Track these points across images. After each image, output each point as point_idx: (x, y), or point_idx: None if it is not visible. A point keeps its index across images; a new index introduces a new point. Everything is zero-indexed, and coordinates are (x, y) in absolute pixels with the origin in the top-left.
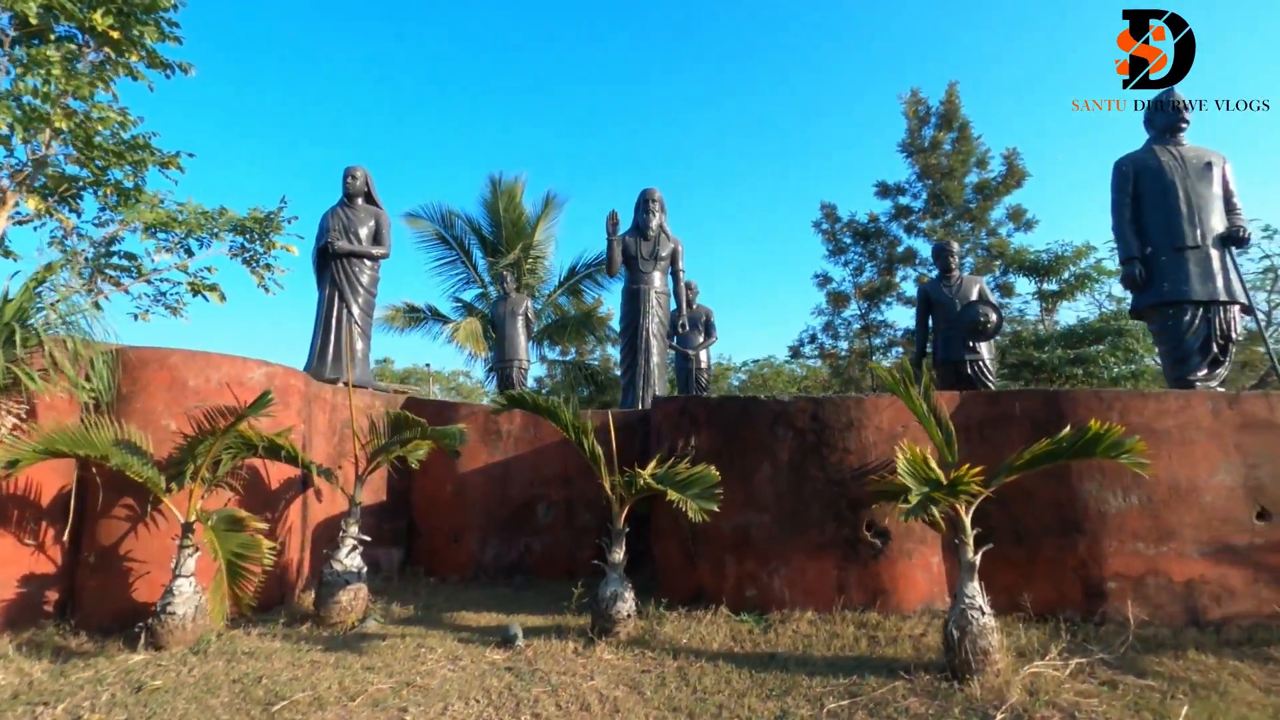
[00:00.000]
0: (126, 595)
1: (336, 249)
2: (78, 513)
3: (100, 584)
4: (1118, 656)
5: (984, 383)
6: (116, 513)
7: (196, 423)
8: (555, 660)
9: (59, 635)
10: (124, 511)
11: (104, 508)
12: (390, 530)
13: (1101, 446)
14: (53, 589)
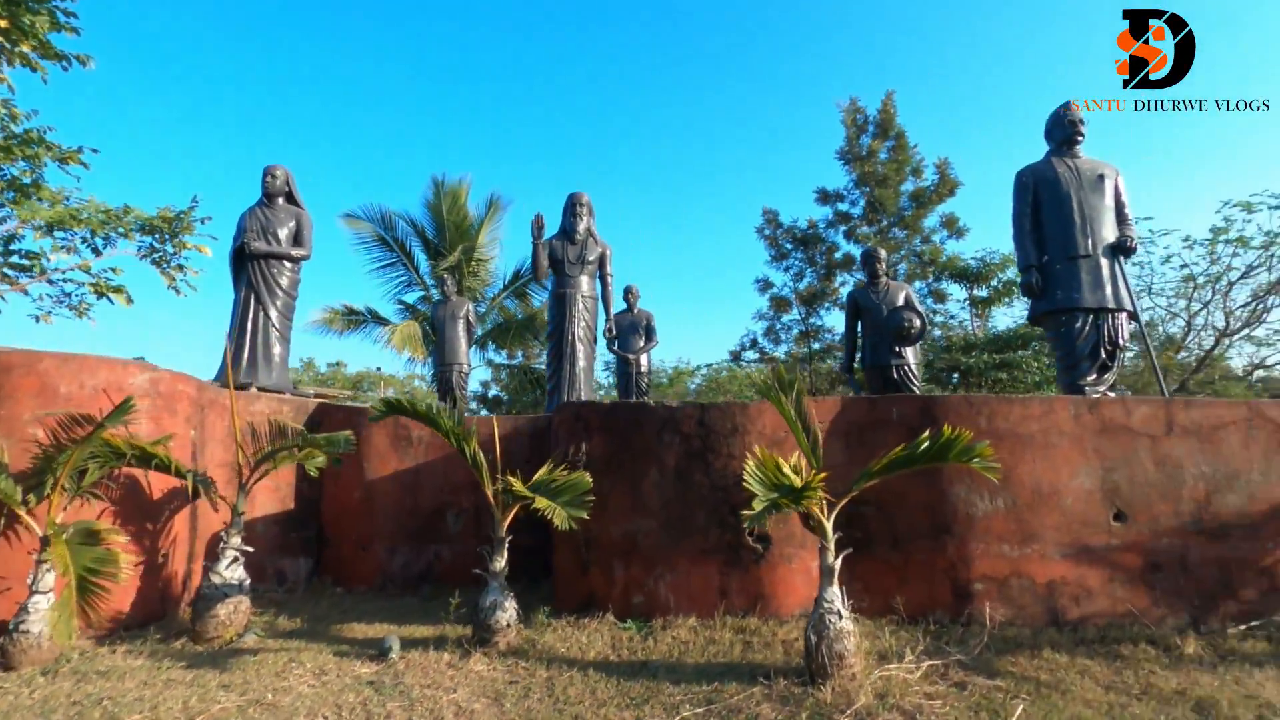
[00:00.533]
0: None
1: (253, 250)
2: None
3: None
4: (973, 658)
5: (909, 387)
6: None
7: (53, 432)
8: (424, 673)
9: None
10: None
11: None
12: (298, 539)
13: (954, 452)
14: None
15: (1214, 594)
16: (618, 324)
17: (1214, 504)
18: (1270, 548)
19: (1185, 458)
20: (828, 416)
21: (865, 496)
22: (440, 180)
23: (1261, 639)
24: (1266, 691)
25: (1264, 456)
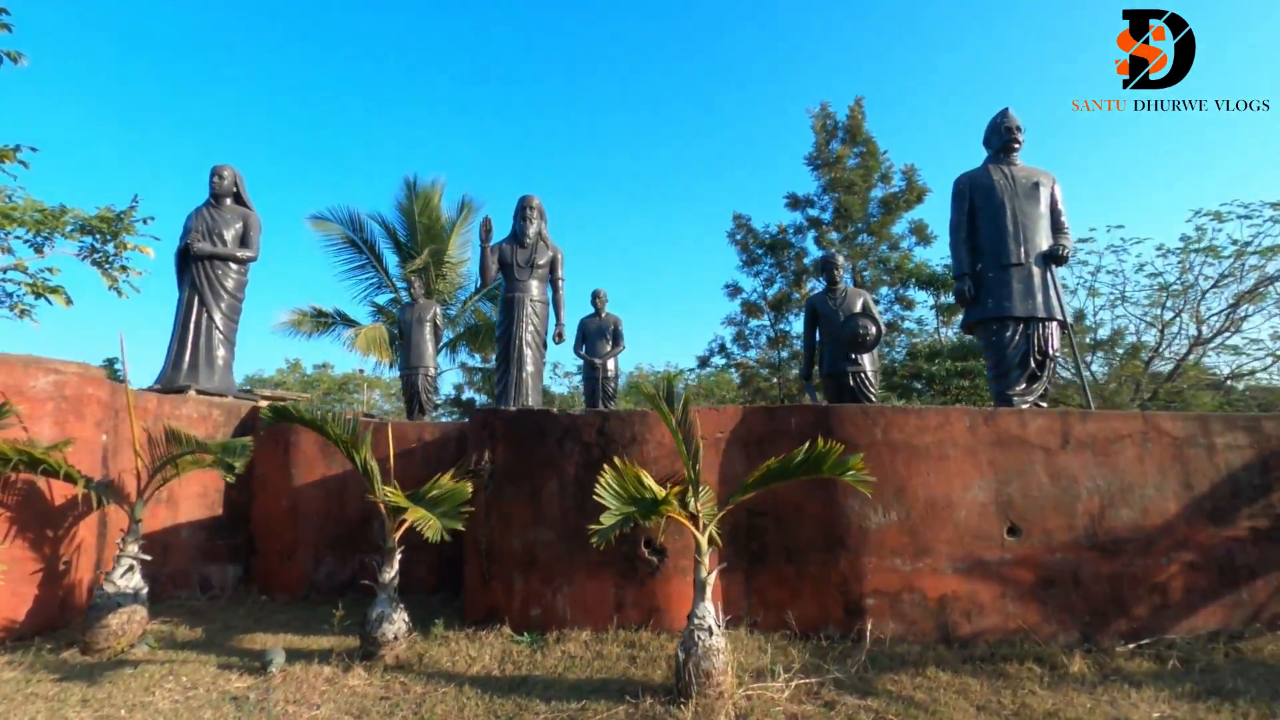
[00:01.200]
0: None
1: (197, 251)
2: None
3: None
4: (851, 676)
5: (865, 394)
6: None
7: None
8: (298, 688)
9: None
10: None
11: None
12: (225, 546)
13: (827, 464)
14: None
15: (1105, 611)
16: (585, 328)
17: (1107, 518)
18: (1163, 563)
19: (1080, 471)
20: (729, 426)
21: (762, 508)
22: (412, 182)
23: (1149, 658)
24: (1138, 714)
25: (1158, 470)
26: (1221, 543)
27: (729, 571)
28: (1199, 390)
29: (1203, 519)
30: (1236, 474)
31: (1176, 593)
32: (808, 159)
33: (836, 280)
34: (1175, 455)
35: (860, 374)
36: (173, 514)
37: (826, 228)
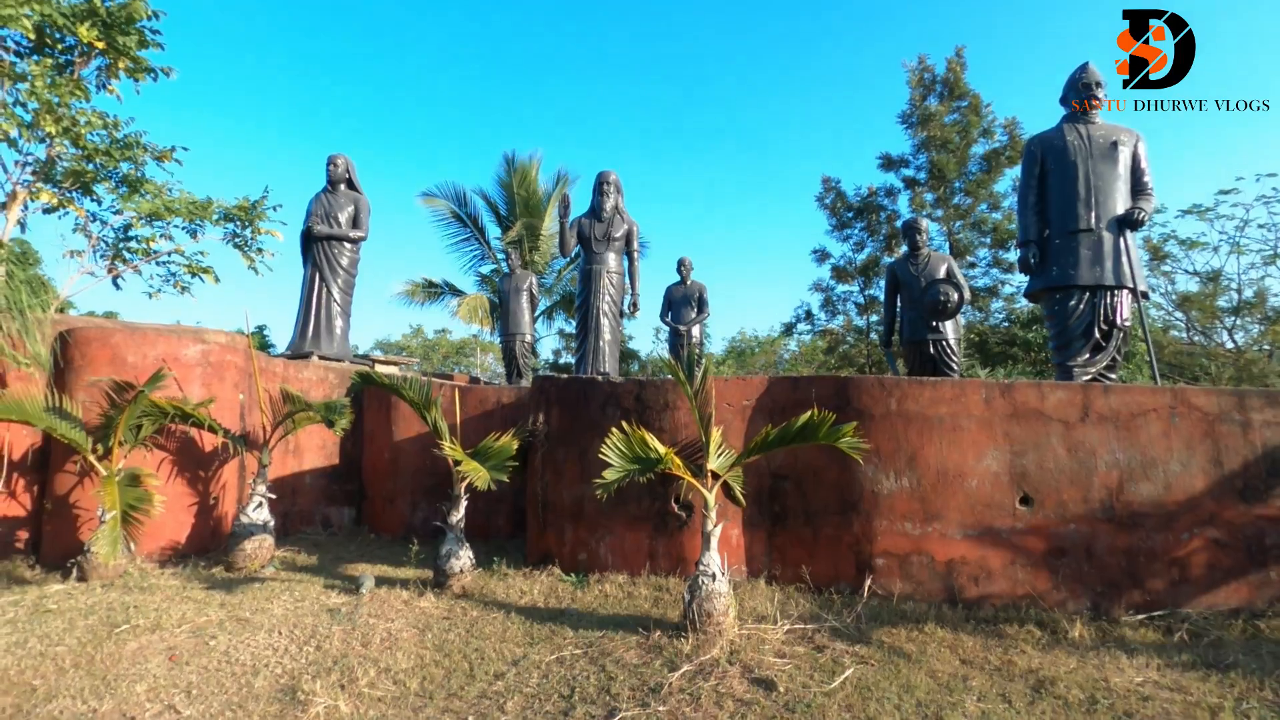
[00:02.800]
0: (74, 536)
1: (316, 233)
2: (40, 467)
3: (54, 527)
4: (847, 626)
5: (946, 362)
6: (68, 468)
7: (108, 396)
8: (380, 606)
9: (22, 568)
10: (73, 467)
11: (57, 463)
12: (341, 491)
13: (822, 432)
14: (23, 529)
15: (1118, 582)
16: (671, 295)
17: (1126, 492)
18: (1184, 539)
19: (1099, 444)
20: (755, 395)
21: (785, 472)
22: (511, 157)
23: (1156, 629)
24: (1120, 678)
25: (1185, 446)
26: (1251, 521)
27: (753, 529)
28: None
29: (1233, 496)
30: (1274, 452)
31: (1197, 568)
32: (901, 116)
33: (919, 245)
34: (1206, 431)
35: (941, 342)
36: (298, 462)
37: (921, 188)
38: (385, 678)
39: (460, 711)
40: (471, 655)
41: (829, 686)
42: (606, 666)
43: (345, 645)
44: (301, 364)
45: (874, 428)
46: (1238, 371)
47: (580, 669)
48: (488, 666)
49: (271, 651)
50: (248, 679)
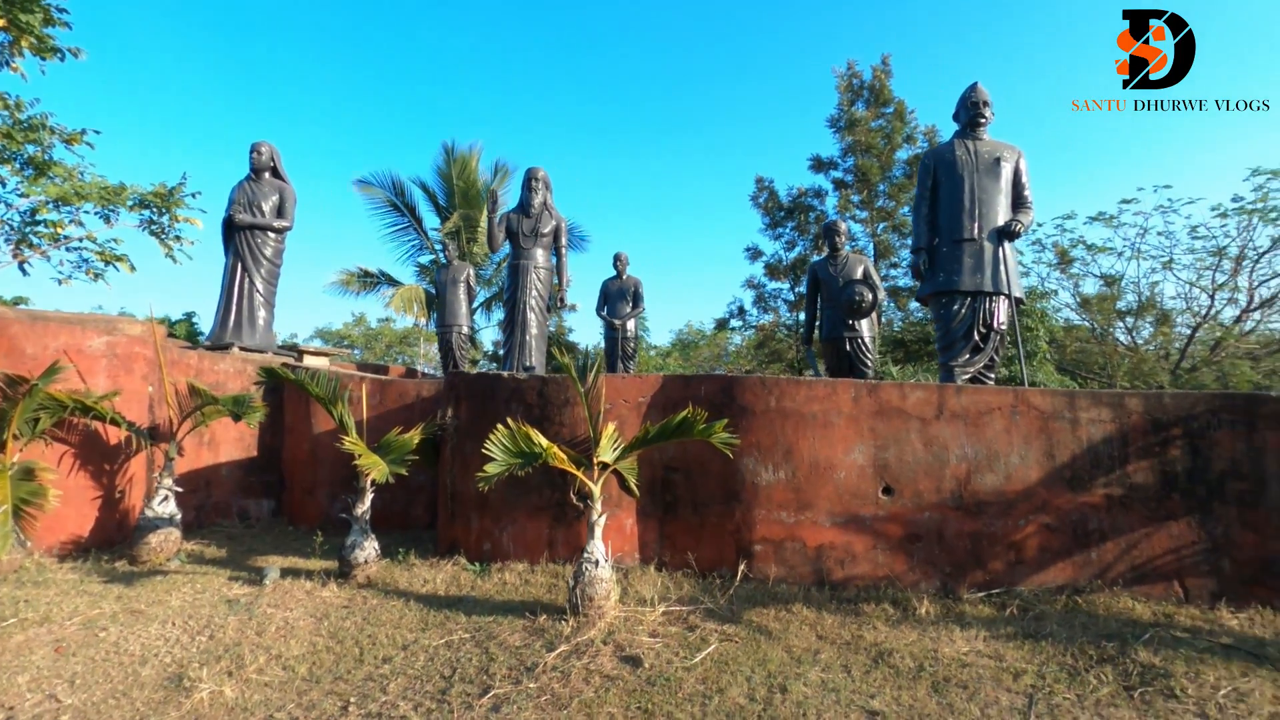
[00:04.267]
0: None
1: (238, 222)
2: None
3: None
4: (721, 607)
5: (861, 359)
6: None
7: (1, 389)
8: (283, 595)
9: None
10: None
11: None
12: (259, 483)
13: (697, 428)
14: None
15: (964, 564)
16: (607, 290)
17: (973, 482)
18: (1020, 524)
19: (951, 439)
20: (649, 392)
21: (676, 464)
22: (450, 147)
23: (993, 605)
24: (950, 648)
25: (1024, 440)
26: (1077, 508)
27: (646, 518)
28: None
29: (1062, 486)
30: (1097, 446)
31: (1031, 550)
32: (829, 120)
33: (839, 246)
34: (1041, 428)
35: (857, 340)
36: (214, 455)
37: (848, 190)
38: (275, 664)
39: (344, 693)
40: (364, 641)
41: (691, 662)
42: (490, 649)
43: (239, 635)
44: (218, 356)
45: (755, 423)
46: (1132, 368)
47: (465, 652)
48: (377, 651)
49: (163, 642)
50: (135, 669)
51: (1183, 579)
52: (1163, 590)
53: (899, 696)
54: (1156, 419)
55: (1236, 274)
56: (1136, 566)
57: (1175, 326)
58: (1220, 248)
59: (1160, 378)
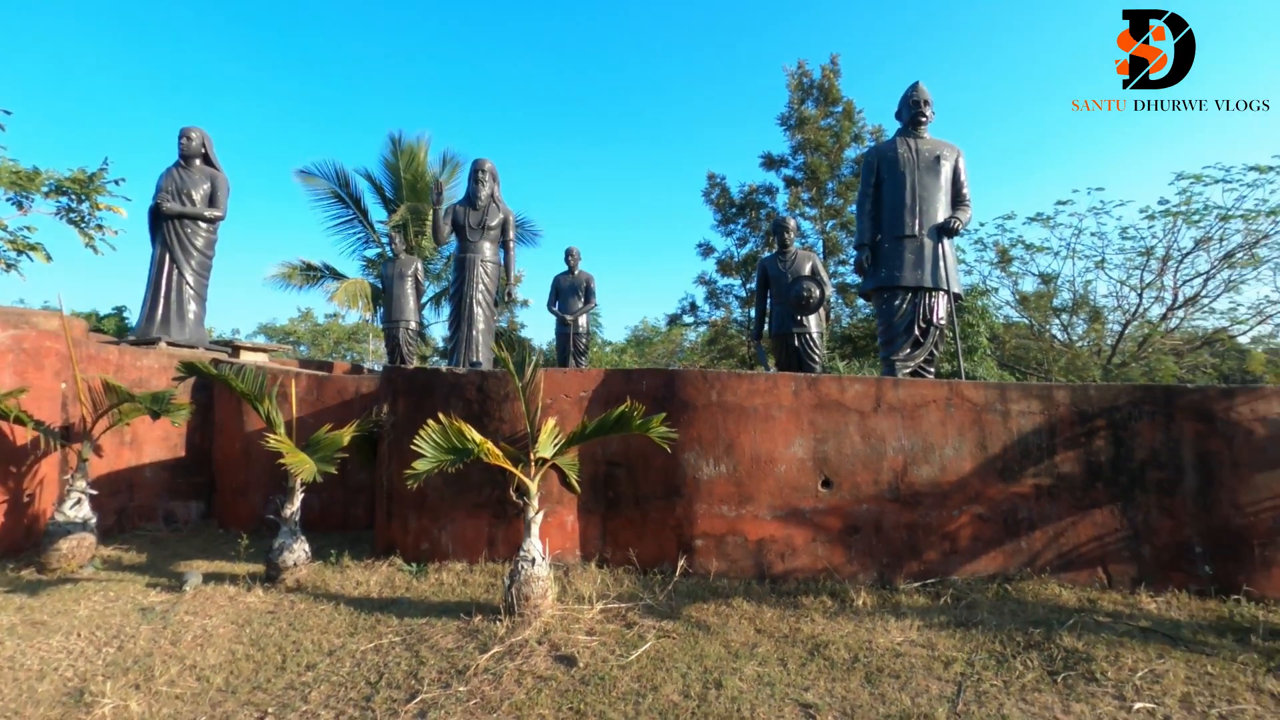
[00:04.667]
0: None
1: (166, 210)
2: None
3: None
4: (660, 603)
5: (810, 355)
6: None
7: None
8: (202, 603)
9: None
10: None
11: None
12: (188, 484)
13: (633, 424)
14: None
15: (901, 554)
16: (558, 285)
17: (910, 474)
18: (955, 515)
19: (889, 432)
20: (591, 387)
21: (619, 460)
22: (397, 138)
23: (928, 595)
24: (885, 638)
25: (958, 432)
26: (1008, 498)
27: (588, 514)
28: (1162, 355)
29: (994, 476)
30: (1027, 437)
31: (965, 540)
32: (780, 118)
33: (787, 243)
34: (974, 420)
35: (805, 335)
36: (136, 455)
37: (798, 188)
38: (189, 675)
39: (262, 704)
40: (287, 648)
41: (626, 660)
42: (420, 652)
43: (151, 645)
44: (142, 351)
45: (697, 418)
46: (1068, 364)
47: (394, 656)
48: (301, 658)
49: (65, 655)
50: (31, 684)
51: (1106, 565)
52: (1087, 576)
53: (833, 688)
54: (1083, 411)
55: (1162, 273)
56: (1063, 554)
57: (1107, 323)
58: (1148, 248)
59: (1093, 373)
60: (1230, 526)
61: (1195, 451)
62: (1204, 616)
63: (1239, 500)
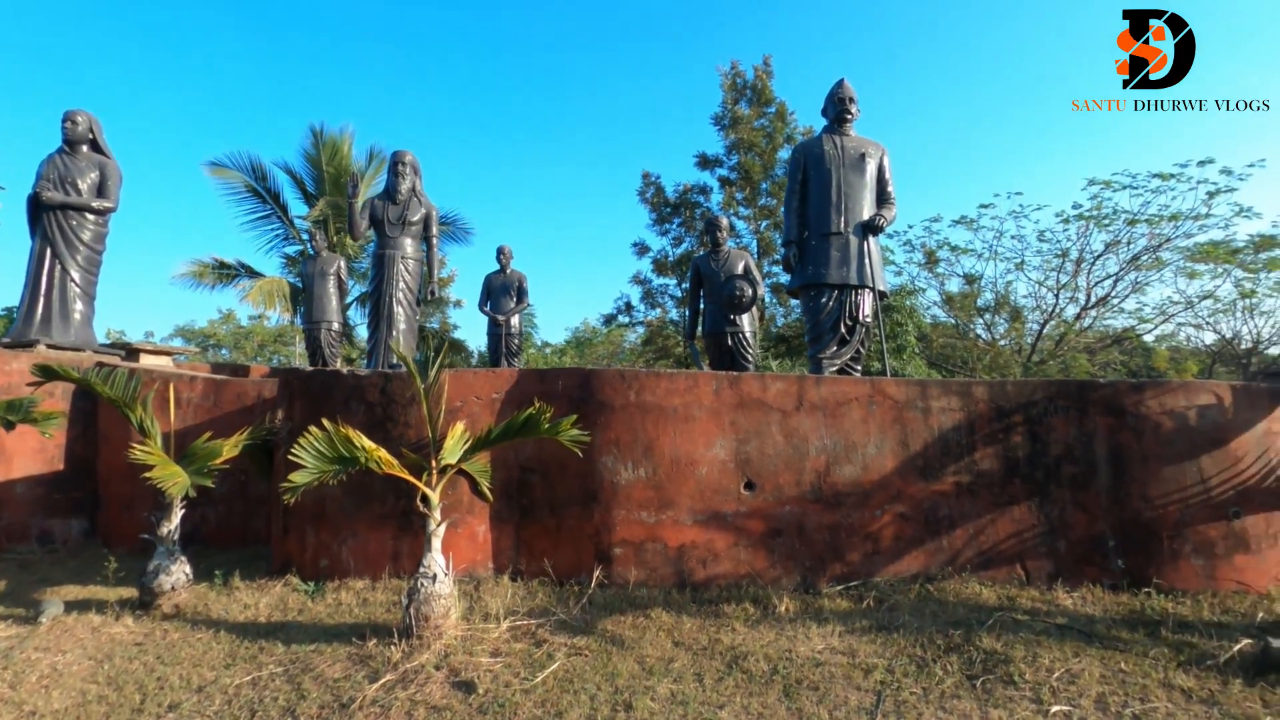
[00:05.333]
0: None
1: (47, 199)
2: None
3: None
4: (574, 617)
5: (743, 354)
6: None
7: None
8: (59, 636)
9: None
10: None
11: None
12: (67, 500)
13: (542, 427)
14: None
15: (824, 557)
16: (490, 284)
17: (832, 474)
18: (877, 515)
19: (811, 431)
20: (504, 388)
21: (532, 465)
22: (319, 130)
23: (850, 598)
24: (806, 646)
25: (880, 430)
26: (929, 496)
27: (501, 523)
28: (1076, 353)
29: (915, 475)
30: (947, 434)
31: (887, 540)
32: (714, 118)
33: (720, 242)
34: (896, 417)
35: (738, 334)
36: (6, 469)
37: (732, 188)
38: None
39: None
40: (150, 685)
41: (531, 683)
42: (303, 684)
43: None
44: (14, 354)
45: (614, 419)
46: (991, 362)
47: (272, 690)
48: (164, 696)
49: None
50: None
51: (1024, 561)
52: (1006, 574)
53: (749, 704)
54: (1000, 407)
55: (1076, 275)
56: (983, 552)
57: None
58: (1063, 250)
59: (1014, 371)
60: (1141, 519)
61: (1107, 445)
62: (1117, 611)
63: (1149, 493)
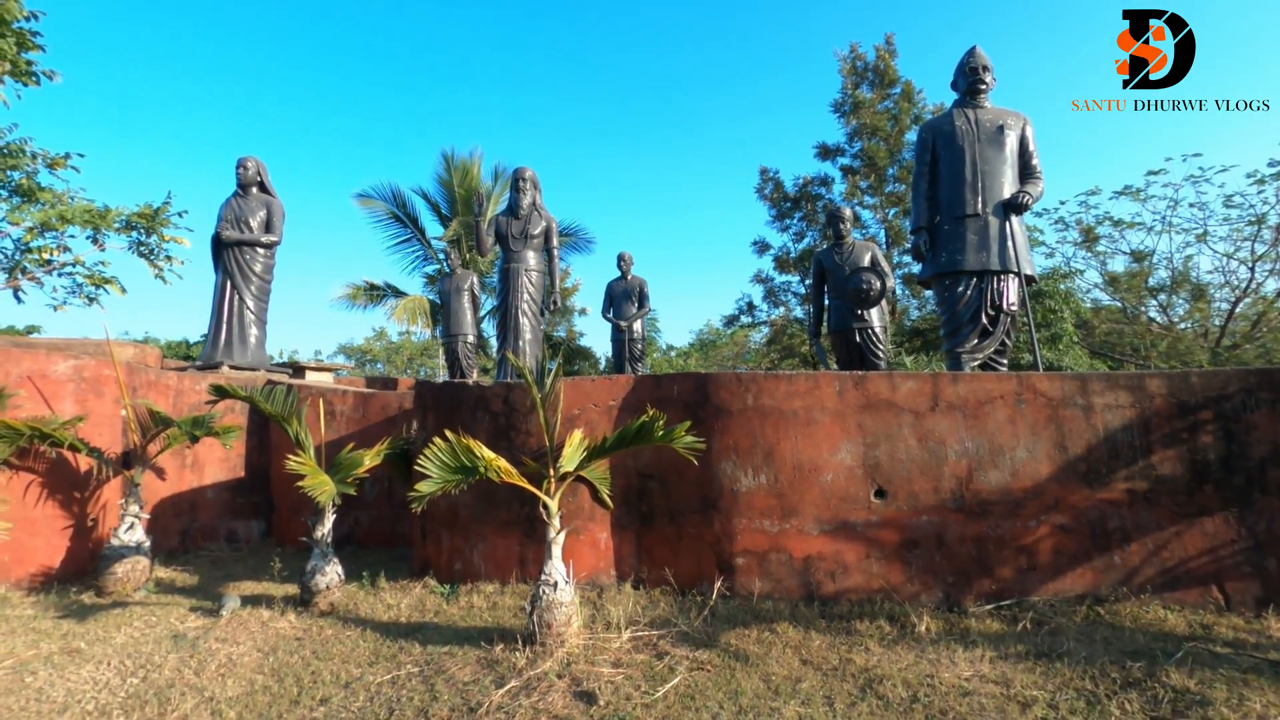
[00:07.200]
0: None
1: (225, 238)
2: None
3: None
4: (695, 629)
5: (873, 351)
6: None
7: None
8: (235, 628)
9: None
10: None
11: None
12: (247, 504)
13: (656, 435)
14: None
15: (969, 572)
16: (612, 291)
17: (975, 481)
18: (1032, 526)
19: (949, 433)
20: (621, 394)
21: (650, 471)
22: (450, 155)
23: (1003, 619)
24: (950, 672)
25: (1031, 432)
26: (1095, 505)
27: (622, 530)
28: None
29: (1077, 481)
30: (1115, 435)
31: (1045, 555)
32: (834, 105)
33: (844, 234)
34: (1050, 416)
35: (867, 330)
36: (198, 477)
37: (856, 176)
38: (204, 708)
39: None
40: (305, 679)
41: (652, 697)
42: (436, 685)
43: (176, 675)
44: (199, 375)
45: (732, 423)
46: (1169, 348)
47: (409, 689)
48: (317, 691)
49: (91, 685)
50: (53, 717)
51: (1222, 583)
52: (1199, 597)
53: None
54: (1183, 402)
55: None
56: (1167, 570)
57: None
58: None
59: (1199, 357)
60: None
61: None
62: None
63: None
